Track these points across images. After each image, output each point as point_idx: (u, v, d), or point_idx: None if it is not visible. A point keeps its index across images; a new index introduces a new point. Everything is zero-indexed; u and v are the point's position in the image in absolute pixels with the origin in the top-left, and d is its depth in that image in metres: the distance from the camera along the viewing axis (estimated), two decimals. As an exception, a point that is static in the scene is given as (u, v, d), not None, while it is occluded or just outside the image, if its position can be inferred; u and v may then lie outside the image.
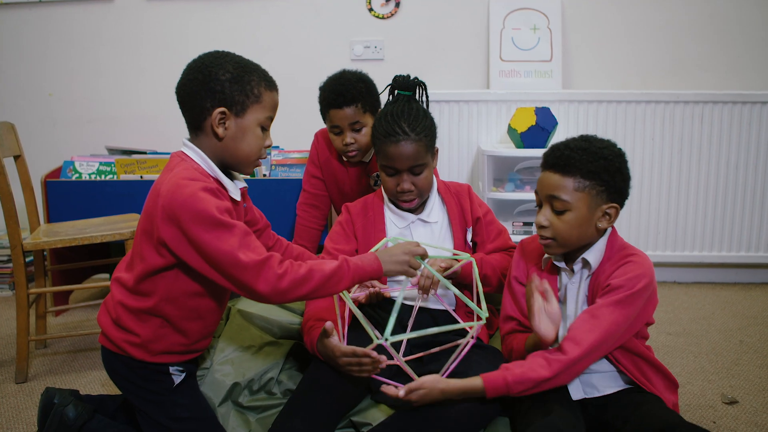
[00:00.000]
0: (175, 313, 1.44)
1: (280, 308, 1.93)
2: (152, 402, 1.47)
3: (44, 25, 3.21)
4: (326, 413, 1.47)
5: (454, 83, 3.14)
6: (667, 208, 3.03)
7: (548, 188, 1.48)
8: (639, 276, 1.44)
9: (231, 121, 1.42)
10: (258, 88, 1.43)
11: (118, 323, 1.45)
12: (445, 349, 1.59)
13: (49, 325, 2.56)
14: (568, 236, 1.47)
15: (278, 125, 2.93)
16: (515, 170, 2.87)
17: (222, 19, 3.14)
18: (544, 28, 3.05)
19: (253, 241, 1.35)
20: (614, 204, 1.47)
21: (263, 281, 1.31)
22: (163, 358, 1.47)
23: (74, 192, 2.67)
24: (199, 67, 1.42)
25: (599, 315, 1.41)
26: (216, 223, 1.31)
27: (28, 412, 1.94)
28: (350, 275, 1.38)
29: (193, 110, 1.43)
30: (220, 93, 1.40)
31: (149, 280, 1.42)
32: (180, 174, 1.38)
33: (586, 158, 1.45)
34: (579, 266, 1.53)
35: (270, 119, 1.47)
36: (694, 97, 2.93)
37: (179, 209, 1.32)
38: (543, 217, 1.48)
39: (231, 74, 1.40)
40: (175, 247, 1.36)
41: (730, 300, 2.87)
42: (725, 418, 1.87)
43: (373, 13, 3.13)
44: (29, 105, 3.27)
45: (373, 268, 1.41)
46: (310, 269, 1.35)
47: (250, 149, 1.45)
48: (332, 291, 1.38)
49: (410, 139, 1.69)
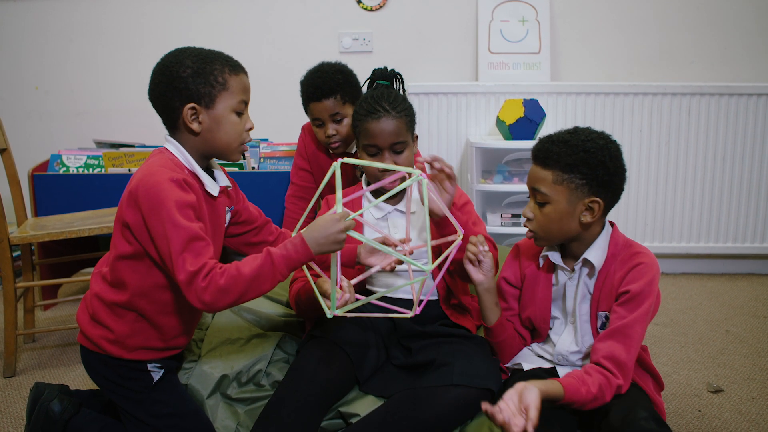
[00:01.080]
0: (148, 307, 1.43)
1: (268, 300, 1.93)
2: (132, 400, 1.47)
3: (30, 17, 3.18)
4: (313, 404, 1.47)
5: (443, 75, 3.14)
6: (655, 200, 3.05)
7: (531, 181, 1.50)
8: (654, 276, 1.45)
9: (203, 114, 1.41)
10: (222, 75, 1.41)
11: (94, 318, 1.45)
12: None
13: (37, 319, 2.55)
14: (548, 229, 1.48)
15: (266, 118, 2.94)
16: (503, 162, 2.88)
17: (209, 12, 3.12)
18: (532, 20, 3.05)
19: (199, 247, 1.31)
20: (597, 198, 1.45)
21: (191, 296, 1.30)
22: (139, 355, 1.46)
23: (62, 186, 2.65)
24: (161, 70, 1.42)
25: (631, 334, 1.40)
26: (168, 220, 1.30)
27: (17, 406, 1.94)
28: (278, 269, 1.34)
29: (165, 112, 1.44)
30: (185, 90, 1.39)
31: (120, 268, 1.41)
32: (152, 163, 1.39)
33: (565, 151, 1.44)
34: (579, 266, 1.52)
35: (243, 102, 1.45)
36: (681, 88, 2.94)
37: (142, 196, 1.33)
38: (528, 209, 1.51)
39: (191, 69, 1.39)
40: (137, 232, 1.37)
41: (717, 290, 2.90)
42: (710, 406, 1.89)
43: (361, 5, 3.12)
44: (15, 98, 3.24)
45: (302, 253, 1.35)
46: (230, 276, 1.30)
47: (229, 137, 1.44)
48: (263, 290, 1.34)
49: (391, 115, 1.69)
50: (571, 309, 1.53)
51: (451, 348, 1.58)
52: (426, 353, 1.59)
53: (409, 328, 1.67)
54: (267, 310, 1.83)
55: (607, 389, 1.35)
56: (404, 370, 1.61)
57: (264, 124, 3.00)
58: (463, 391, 1.46)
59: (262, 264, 1.33)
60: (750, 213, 3.03)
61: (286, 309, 1.91)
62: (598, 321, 1.49)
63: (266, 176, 2.68)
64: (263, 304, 1.86)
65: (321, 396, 1.49)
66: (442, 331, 1.67)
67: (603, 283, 1.49)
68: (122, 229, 1.40)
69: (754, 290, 2.89)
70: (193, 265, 1.29)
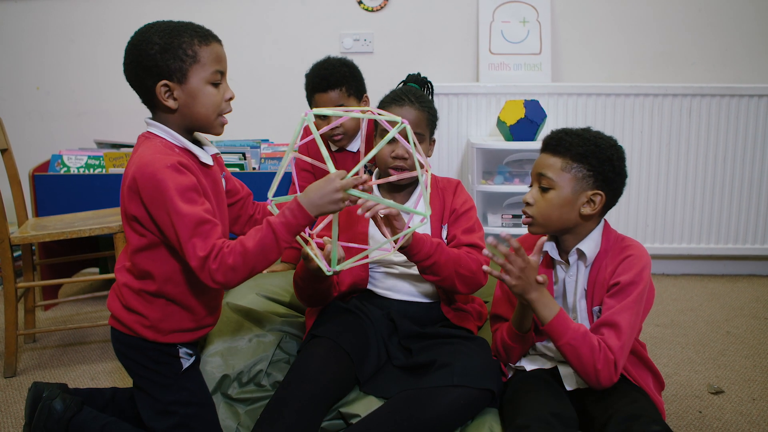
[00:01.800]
0: (176, 290, 1.44)
1: (269, 301, 1.93)
2: (159, 384, 1.47)
3: (32, 17, 3.18)
4: (314, 405, 1.47)
5: (444, 76, 3.14)
6: (656, 201, 3.05)
7: (538, 167, 1.52)
8: (644, 267, 1.47)
9: (177, 90, 1.39)
10: (191, 48, 1.38)
11: (127, 307, 1.46)
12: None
13: (38, 319, 2.56)
14: (548, 215, 1.49)
15: (267, 118, 2.95)
16: (504, 163, 2.88)
17: (210, 12, 3.13)
18: (533, 21, 3.06)
19: (206, 230, 1.33)
20: (600, 191, 1.48)
21: (205, 278, 1.33)
22: (173, 338, 1.47)
23: (62, 186, 2.65)
24: (130, 49, 1.41)
25: (619, 322, 1.41)
26: (172, 210, 1.31)
27: (17, 406, 1.94)
28: (281, 238, 1.35)
29: (140, 91, 1.43)
30: (155, 67, 1.37)
31: (141, 259, 1.42)
32: (144, 153, 1.38)
33: (577, 141, 1.48)
34: (574, 258, 1.53)
35: (218, 72, 1.42)
36: (682, 90, 2.94)
37: (142, 188, 1.34)
38: (530, 195, 1.52)
39: (159, 45, 1.37)
40: (145, 223, 1.38)
41: (718, 291, 2.90)
42: (711, 407, 1.89)
43: (362, 5, 3.12)
44: (16, 98, 3.25)
45: (300, 217, 1.35)
46: (237, 254, 1.32)
47: (207, 110, 1.42)
48: (271, 260, 1.36)
49: (414, 106, 1.72)
50: (572, 305, 1.54)
51: (452, 349, 1.58)
52: (426, 354, 1.59)
53: (409, 329, 1.67)
54: (268, 310, 1.83)
55: (599, 353, 1.37)
56: (405, 370, 1.60)
57: (265, 125, 3.01)
58: (463, 392, 1.46)
59: (264, 236, 1.34)
60: (751, 214, 3.03)
61: (287, 309, 1.91)
62: (593, 316, 1.50)
63: (267, 177, 2.68)
64: (264, 305, 1.86)
65: (322, 396, 1.49)
66: (442, 332, 1.67)
67: (596, 278, 1.51)
68: (130, 222, 1.41)
69: (755, 291, 2.89)
70: (203, 250, 1.31)
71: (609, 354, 1.38)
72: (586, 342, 1.39)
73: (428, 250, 1.56)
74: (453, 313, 1.73)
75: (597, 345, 1.39)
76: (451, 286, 1.62)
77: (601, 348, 1.38)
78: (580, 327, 1.41)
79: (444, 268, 1.58)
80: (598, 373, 1.38)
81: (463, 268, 1.60)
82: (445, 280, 1.61)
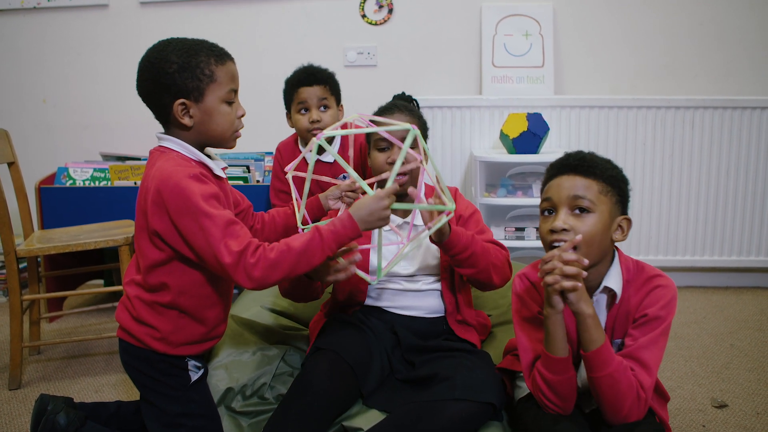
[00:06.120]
0: (190, 303, 1.45)
1: (272, 314, 1.94)
2: (167, 396, 1.48)
3: (38, 31, 3.21)
4: (317, 418, 1.48)
5: (447, 89, 3.15)
6: (659, 213, 3.05)
7: (571, 189, 1.36)
8: (672, 299, 1.40)
9: (193, 108, 1.42)
10: (208, 67, 1.41)
11: (137, 319, 1.46)
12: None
13: (43, 331, 2.57)
14: (591, 241, 1.34)
15: (271, 131, 2.95)
16: (507, 176, 2.89)
17: (215, 26, 3.15)
18: (536, 34, 3.07)
19: (237, 230, 1.35)
20: (627, 217, 1.41)
21: (240, 275, 1.33)
22: (183, 350, 1.48)
23: (68, 198, 2.67)
24: (147, 66, 1.43)
25: (645, 357, 1.34)
26: (201, 213, 1.32)
27: (22, 419, 1.94)
28: (327, 245, 1.37)
29: (155, 108, 1.45)
30: (173, 86, 1.40)
31: (156, 274, 1.43)
32: (164, 165, 1.39)
33: (606, 165, 1.40)
34: (603, 296, 1.43)
35: (233, 91, 1.45)
36: (685, 102, 2.95)
37: (168, 199, 1.35)
38: (561, 220, 1.35)
39: (177, 64, 1.39)
40: (168, 238, 1.38)
41: (722, 304, 2.89)
42: (715, 422, 1.88)
43: (366, 19, 3.15)
44: (23, 111, 3.27)
45: (350, 229, 1.40)
46: (280, 251, 1.34)
47: (222, 128, 1.45)
48: (312, 263, 1.37)
49: (404, 113, 1.76)
50: None
51: (454, 362, 1.58)
52: (428, 367, 1.60)
53: (412, 342, 1.68)
54: (272, 323, 1.84)
55: (634, 390, 1.30)
56: (407, 384, 1.61)
57: (269, 137, 3.02)
58: (465, 405, 1.46)
59: (312, 238, 1.37)
60: (755, 226, 3.03)
61: (290, 322, 1.92)
62: (614, 349, 1.41)
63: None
64: (268, 318, 1.87)
65: (325, 409, 1.50)
66: (445, 345, 1.67)
67: (618, 311, 1.42)
68: (151, 237, 1.41)
69: (759, 304, 2.88)
70: (238, 246, 1.32)
71: (641, 392, 1.32)
72: (626, 376, 1.30)
73: (466, 242, 1.59)
74: (457, 325, 1.74)
75: (634, 382, 1.31)
76: (488, 278, 1.65)
77: (634, 385, 1.31)
78: (621, 359, 1.32)
79: (481, 259, 1.62)
80: (630, 409, 1.31)
81: (496, 258, 1.65)
82: (481, 273, 1.63)
